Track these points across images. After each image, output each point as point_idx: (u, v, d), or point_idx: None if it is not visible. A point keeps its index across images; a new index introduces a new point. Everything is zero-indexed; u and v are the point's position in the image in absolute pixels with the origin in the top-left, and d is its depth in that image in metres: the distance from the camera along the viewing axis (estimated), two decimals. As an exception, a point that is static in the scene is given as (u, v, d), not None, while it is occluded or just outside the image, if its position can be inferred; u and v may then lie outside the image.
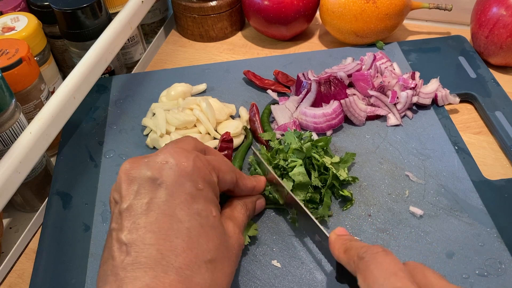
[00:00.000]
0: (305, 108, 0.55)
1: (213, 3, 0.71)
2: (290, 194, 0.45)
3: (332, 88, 0.56)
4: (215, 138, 0.55)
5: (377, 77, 0.59)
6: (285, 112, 0.57)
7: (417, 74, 0.59)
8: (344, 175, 0.48)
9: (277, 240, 0.46)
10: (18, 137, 0.47)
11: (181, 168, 0.35)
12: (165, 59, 0.73)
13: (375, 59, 0.60)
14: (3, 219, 0.51)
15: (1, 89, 0.45)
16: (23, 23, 0.57)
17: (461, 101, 0.59)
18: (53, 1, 0.59)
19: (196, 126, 0.56)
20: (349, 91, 0.58)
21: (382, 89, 0.57)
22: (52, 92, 0.60)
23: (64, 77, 0.68)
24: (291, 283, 0.42)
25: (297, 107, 0.57)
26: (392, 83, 0.57)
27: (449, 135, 0.54)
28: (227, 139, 0.52)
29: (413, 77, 0.58)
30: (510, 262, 0.43)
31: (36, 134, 0.47)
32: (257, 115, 0.56)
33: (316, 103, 0.56)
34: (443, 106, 0.58)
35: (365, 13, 0.64)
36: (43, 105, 0.51)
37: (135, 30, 0.68)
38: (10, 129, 0.47)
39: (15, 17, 0.58)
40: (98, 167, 0.54)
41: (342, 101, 0.55)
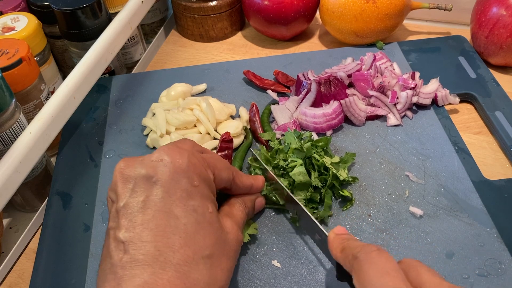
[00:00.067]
0: (305, 108, 0.55)
1: (213, 3, 0.71)
2: (289, 194, 0.45)
3: (332, 88, 0.56)
4: (215, 138, 0.55)
5: (377, 77, 0.59)
6: (285, 112, 0.57)
7: (417, 74, 0.59)
8: (344, 175, 0.48)
9: (277, 240, 0.46)
10: (18, 137, 0.47)
11: (176, 165, 0.35)
12: (165, 59, 0.73)
13: (375, 59, 0.60)
14: (3, 219, 0.51)
15: (1, 89, 0.45)
16: (23, 23, 0.57)
17: (461, 101, 0.59)
18: (53, 1, 0.59)
19: (196, 126, 0.55)
20: (349, 91, 0.58)
21: (382, 89, 0.57)
22: (52, 92, 0.60)
23: (64, 77, 0.68)
24: (291, 283, 0.42)
25: (297, 107, 0.57)
26: (392, 83, 0.57)
27: (449, 135, 0.54)
28: (227, 139, 0.52)
29: (413, 77, 0.58)
30: (510, 262, 0.43)
31: (36, 134, 0.47)
32: (257, 115, 0.56)
33: (316, 103, 0.56)
34: (443, 106, 0.58)
35: (365, 13, 0.64)
36: (43, 105, 0.51)
37: (135, 30, 0.68)
38: (10, 129, 0.47)
39: (15, 17, 0.58)
40: (98, 167, 0.54)
41: (342, 101, 0.55)
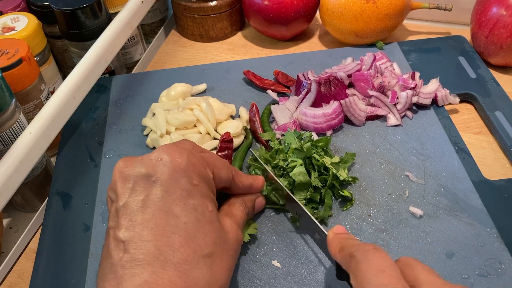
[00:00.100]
0: (305, 108, 0.55)
1: (213, 3, 0.71)
2: (289, 193, 0.45)
3: (332, 88, 0.56)
4: (215, 138, 0.55)
5: (377, 77, 0.59)
6: (285, 112, 0.57)
7: (417, 74, 0.59)
8: (344, 175, 0.48)
9: (277, 240, 0.46)
10: (18, 137, 0.47)
11: (175, 164, 0.35)
12: (165, 59, 0.73)
13: (375, 59, 0.60)
14: (3, 219, 0.51)
15: (1, 89, 0.45)
16: (23, 23, 0.57)
17: (461, 101, 0.59)
18: (53, 1, 0.59)
19: (196, 126, 0.55)
20: (349, 91, 0.58)
21: (382, 89, 0.57)
22: (52, 92, 0.60)
23: (64, 77, 0.68)
24: (291, 283, 0.42)
25: (297, 107, 0.57)
26: (392, 83, 0.57)
27: (449, 135, 0.54)
28: (227, 139, 0.52)
29: (413, 77, 0.58)
30: (510, 262, 0.43)
31: (36, 134, 0.47)
32: (257, 115, 0.56)
33: (316, 103, 0.56)
34: (443, 106, 0.58)
35: (365, 13, 0.64)
36: (43, 105, 0.51)
37: (135, 30, 0.68)
38: (10, 129, 0.47)
39: (15, 17, 0.58)
40: (98, 167, 0.54)
41: (342, 101, 0.55)
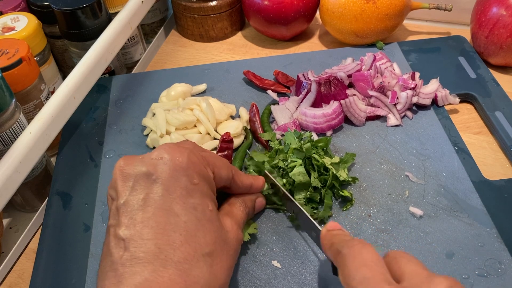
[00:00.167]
0: (305, 109, 0.55)
1: (213, 3, 0.71)
2: (285, 192, 0.45)
3: (332, 88, 0.56)
4: (215, 138, 0.55)
5: (377, 77, 0.59)
6: (285, 112, 0.57)
7: (417, 75, 0.59)
8: (344, 176, 0.48)
9: (277, 241, 0.46)
10: (18, 137, 0.47)
11: (176, 163, 0.35)
12: (165, 59, 0.73)
13: (375, 59, 0.60)
14: (3, 219, 0.51)
15: (1, 89, 0.45)
16: (23, 23, 0.57)
17: (461, 101, 0.59)
18: (53, 1, 0.59)
19: (196, 126, 0.55)
20: (349, 91, 0.58)
21: (382, 90, 0.57)
22: (52, 92, 0.60)
23: (64, 77, 0.68)
24: (291, 284, 0.42)
25: (297, 108, 0.57)
26: (392, 84, 0.57)
27: (449, 135, 0.54)
28: (227, 139, 0.52)
29: (413, 78, 0.58)
30: (510, 262, 0.43)
31: (36, 134, 0.47)
32: (257, 115, 0.56)
33: (316, 104, 0.56)
34: (443, 106, 0.58)
35: (365, 13, 0.64)
36: (43, 105, 0.51)
37: (135, 30, 0.68)
38: (10, 129, 0.47)
39: (15, 17, 0.58)
40: (98, 167, 0.54)
41: (342, 101, 0.55)
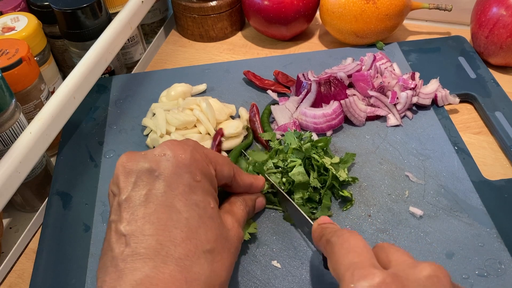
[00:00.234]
0: (305, 109, 0.55)
1: (213, 3, 0.71)
2: (280, 189, 0.45)
3: (332, 88, 0.56)
4: (215, 138, 0.55)
5: (377, 77, 0.59)
6: (285, 112, 0.57)
7: (417, 75, 0.59)
8: (344, 176, 0.48)
9: (277, 240, 0.46)
10: (18, 137, 0.47)
11: (178, 160, 0.35)
12: (165, 59, 0.73)
13: (375, 59, 0.60)
14: (3, 219, 0.51)
15: (1, 89, 0.45)
16: (23, 23, 0.57)
17: (461, 101, 0.59)
18: (53, 1, 0.59)
19: (196, 126, 0.55)
20: (349, 91, 0.58)
21: (382, 90, 0.57)
22: (52, 92, 0.60)
23: (64, 77, 0.68)
24: (291, 284, 0.42)
25: (297, 108, 0.57)
26: (392, 84, 0.57)
27: (449, 135, 0.54)
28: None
29: (413, 78, 0.58)
30: (510, 262, 0.43)
31: (36, 134, 0.47)
32: (257, 115, 0.56)
33: (316, 104, 0.56)
34: (443, 106, 0.58)
35: (365, 13, 0.64)
36: (43, 105, 0.51)
37: (135, 30, 0.68)
38: (10, 129, 0.47)
39: (15, 17, 0.58)
40: (98, 167, 0.54)
41: (342, 101, 0.55)
